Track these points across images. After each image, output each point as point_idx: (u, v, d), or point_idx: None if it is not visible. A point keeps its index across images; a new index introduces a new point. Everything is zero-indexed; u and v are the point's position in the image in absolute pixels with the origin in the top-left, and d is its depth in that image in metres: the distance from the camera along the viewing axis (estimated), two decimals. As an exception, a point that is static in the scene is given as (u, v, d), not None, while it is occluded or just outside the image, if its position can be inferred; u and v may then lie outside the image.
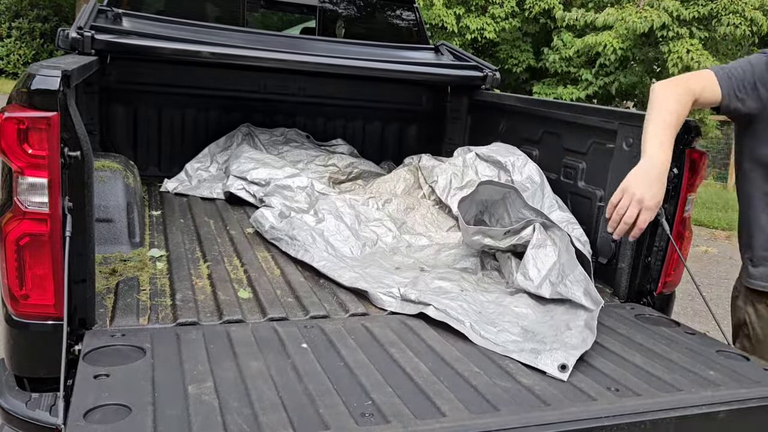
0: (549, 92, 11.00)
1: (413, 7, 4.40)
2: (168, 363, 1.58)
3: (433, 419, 1.42)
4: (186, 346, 1.69)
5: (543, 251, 2.17)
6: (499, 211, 2.44)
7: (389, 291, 2.12)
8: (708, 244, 7.57)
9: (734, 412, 1.60)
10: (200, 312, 1.91)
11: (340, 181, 3.38)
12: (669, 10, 9.24)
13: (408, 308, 2.04)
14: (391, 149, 3.95)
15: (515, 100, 3.25)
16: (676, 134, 2.00)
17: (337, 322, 1.94)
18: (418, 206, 2.97)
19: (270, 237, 2.58)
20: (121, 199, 2.35)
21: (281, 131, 3.68)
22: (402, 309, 2.05)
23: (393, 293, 2.11)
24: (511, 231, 2.24)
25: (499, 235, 2.28)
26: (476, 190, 2.48)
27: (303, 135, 3.73)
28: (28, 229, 1.62)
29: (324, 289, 2.20)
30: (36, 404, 1.65)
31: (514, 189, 2.39)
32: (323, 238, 2.53)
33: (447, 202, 2.89)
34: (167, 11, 3.86)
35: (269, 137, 3.59)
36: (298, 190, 2.96)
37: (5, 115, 1.57)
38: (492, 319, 1.97)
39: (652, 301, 2.32)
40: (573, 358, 1.71)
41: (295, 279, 2.25)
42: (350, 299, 2.12)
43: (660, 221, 2.21)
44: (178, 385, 1.49)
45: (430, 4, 11.30)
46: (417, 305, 2.02)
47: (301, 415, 1.40)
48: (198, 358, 1.63)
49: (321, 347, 1.75)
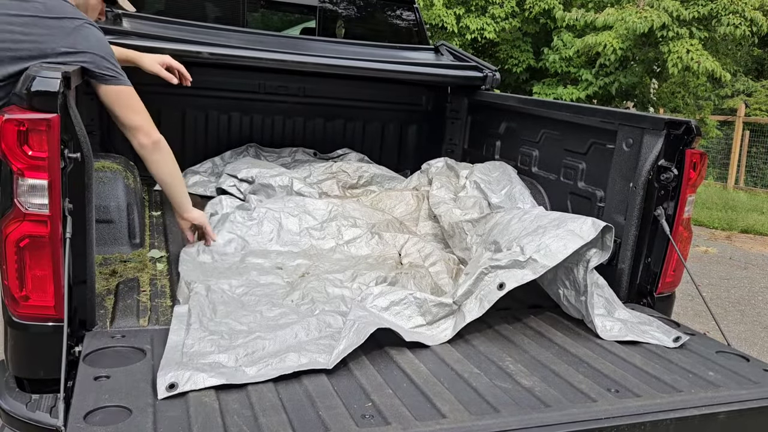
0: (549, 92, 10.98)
1: (413, 8, 4.40)
2: (168, 364, 1.58)
3: (433, 421, 1.42)
4: (186, 347, 1.69)
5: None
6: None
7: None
8: (708, 244, 7.57)
9: (734, 413, 1.60)
10: (200, 313, 1.91)
11: (351, 185, 3.35)
12: (669, 10, 9.22)
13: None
14: (391, 150, 3.95)
15: (515, 101, 3.25)
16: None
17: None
18: (396, 234, 2.66)
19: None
20: (121, 200, 2.35)
21: (289, 151, 3.66)
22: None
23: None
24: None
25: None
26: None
27: (310, 153, 3.71)
28: (29, 231, 1.62)
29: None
30: (36, 405, 1.65)
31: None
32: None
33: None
34: (167, 12, 3.86)
35: (276, 157, 3.58)
36: (279, 189, 2.97)
37: (5, 116, 1.57)
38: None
39: (652, 302, 2.32)
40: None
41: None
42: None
43: (660, 221, 2.21)
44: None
45: (430, 4, 11.28)
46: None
47: (301, 416, 1.40)
48: (198, 359, 1.63)
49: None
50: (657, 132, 2.24)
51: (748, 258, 7.09)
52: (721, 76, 9.21)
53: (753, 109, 15.04)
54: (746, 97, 15.95)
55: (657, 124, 2.25)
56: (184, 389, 1.45)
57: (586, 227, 2.03)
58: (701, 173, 2.26)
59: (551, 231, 2.04)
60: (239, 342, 1.70)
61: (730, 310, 5.17)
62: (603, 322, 2.01)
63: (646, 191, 2.25)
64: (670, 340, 1.97)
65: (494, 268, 1.97)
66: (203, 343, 1.69)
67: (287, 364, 1.60)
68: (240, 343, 1.69)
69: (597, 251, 2.09)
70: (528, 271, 1.95)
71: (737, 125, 13.05)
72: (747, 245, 7.81)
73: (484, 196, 2.88)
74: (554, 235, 2.01)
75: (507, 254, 2.02)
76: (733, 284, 5.94)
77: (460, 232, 2.55)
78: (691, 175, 2.23)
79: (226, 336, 1.74)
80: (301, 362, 1.61)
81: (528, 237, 2.05)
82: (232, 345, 1.69)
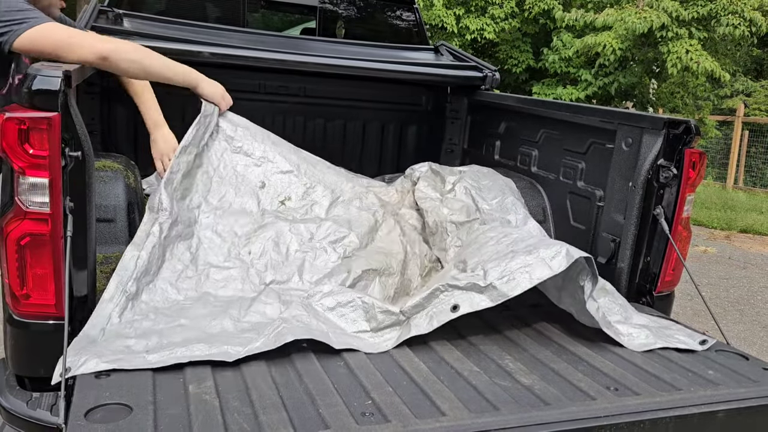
0: (548, 92, 11.00)
1: (413, 8, 4.40)
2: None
3: (432, 418, 1.42)
4: (186, 345, 1.69)
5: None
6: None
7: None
8: (707, 244, 7.58)
9: (733, 412, 1.61)
10: (200, 312, 1.91)
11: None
12: (668, 10, 9.24)
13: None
14: (390, 150, 3.95)
15: (515, 101, 3.25)
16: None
17: None
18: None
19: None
20: (121, 199, 2.35)
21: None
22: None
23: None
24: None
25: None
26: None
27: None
28: (29, 229, 1.62)
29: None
30: (37, 404, 1.65)
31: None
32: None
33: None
34: (168, 12, 3.86)
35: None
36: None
37: (6, 115, 1.57)
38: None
39: (651, 301, 2.32)
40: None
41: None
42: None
43: (659, 221, 2.22)
44: (178, 385, 1.50)
45: (430, 4, 11.29)
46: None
47: (302, 414, 1.41)
48: (198, 357, 1.63)
49: (321, 346, 1.75)
50: (656, 132, 2.25)
51: (747, 258, 7.10)
52: (721, 76, 9.22)
53: (752, 109, 15.07)
54: (745, 97, 15.97)
55: (656, 123, 2.26)
56: (76, 373, 1.49)
57: (558, 258, 1.90)
58: (700, 173, 2.27)
59: (520, 257, 1.92)
60: (160, 327, 1.72)
61: (729, 309, 5.18)
62: (627, 330, 1.95)
63: (646, 191, 2.26)
64: (696, 343, 1.94)
65: (452, 288, 1.88)
66: (123, 325, 1.70)
67: (194, 353, 1.61)
68: (160, 329, 1.71)
69: (588, 277, 1.97)
70: (485, 298, 1.85)
71: (736, 125, 13.07)
72: (746, 245, 7.82)
73: (474, 203, 2.75)
74: (522, 262, 1.90)
75: (468, 276, 1.92)
76: (732, 284, 5.95)
77: (442, 232, 2.51)
78: (690, 174, 2.23)
79: (151, 316, 1.76)
80: (211, 352, 1.62)
81: (495, 261, 1.95)
82: (153, 329, 1.70)
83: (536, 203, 2.90)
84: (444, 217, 2.57)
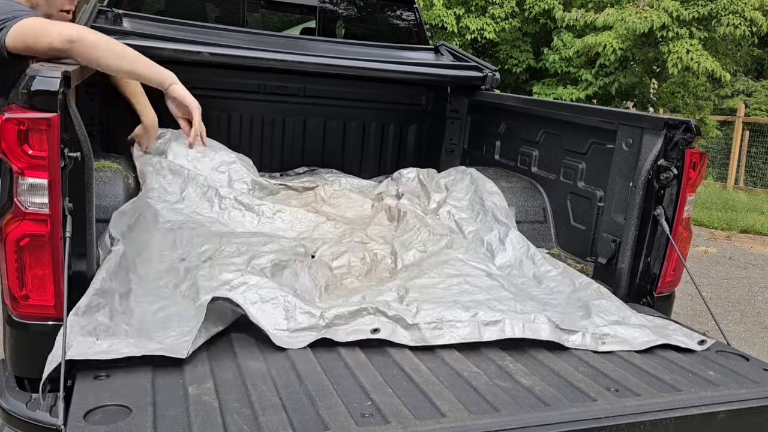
0: (549, 92, 11.00)
1: (413, 8, 4.40)
2: (168, 363, 1.58)
3: (432, 420, 1.42)
4: (186, 346, 1.69)
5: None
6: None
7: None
8: (708, 244, 7.58)
9: (734, 412, 1.60)
10: (200, 312, 1.91)
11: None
12: (669, 10, 9.24)
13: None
14: (390, 150, 3.95)
15: (515, 101, 3.25)
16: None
17: None
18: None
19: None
20: (121, 199, 2.35)
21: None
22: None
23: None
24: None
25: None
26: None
27: (276, 176, 3.62)
28: (29, 230, 1.62)
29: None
30: (36, 405, 1.65)
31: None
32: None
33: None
34: (167, 12, 3.86)
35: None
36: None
37: (5, 115, 1.57)
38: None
39: (651, 302, 2.32)
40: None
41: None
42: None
43: (659, 221, 2.21)
44: (178, 386, 1.49)
45: (430, 4, 11.30)
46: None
47: (301, 415, 1.40)
48: (198, 358, 1.63)
49: (321, 347, 1.75)
50: (656, 132, 2.25)
51: (748, 258, 7.09)
52: (721, 76, 9.23)
53: (753, 109, 15.06)
54: (746, 97, 15.97)
55: (656, 123, 2.25)
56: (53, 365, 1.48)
57: (492, 329, 1.86)
58: (701, 173, 2.26)
59: (457, 311, 1.89)
60: (115, 321, 1.71)
61: (730, 310, 5.17)
62: (629, 332, 1.94)
63: (646, 191, 2.26)
64: (694, 342, 1.94)
65: (380, 314, 1.87)
66: (90, 318, 1.68)
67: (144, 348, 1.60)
68: (114, 323, 1.70)
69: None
70: (407, 335, 1.82)
71: (737, 125, 13.06)
72: (747, 245, 7.81)
73: (458, 227, 2.72)
74: (455, 316, 1.87)
75: (401, 308, 1.90)
76: (733, 284, 5.94)
77: (413, 228, 2.59)
78: (690, 174, 2.23)
79: (119, 312, 1.76)
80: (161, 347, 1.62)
81: (433, 304, 1.93)
82: (111, 324, 1.70)
83: (536, 203, 2.89)
84: (422, 219, 2.65)
